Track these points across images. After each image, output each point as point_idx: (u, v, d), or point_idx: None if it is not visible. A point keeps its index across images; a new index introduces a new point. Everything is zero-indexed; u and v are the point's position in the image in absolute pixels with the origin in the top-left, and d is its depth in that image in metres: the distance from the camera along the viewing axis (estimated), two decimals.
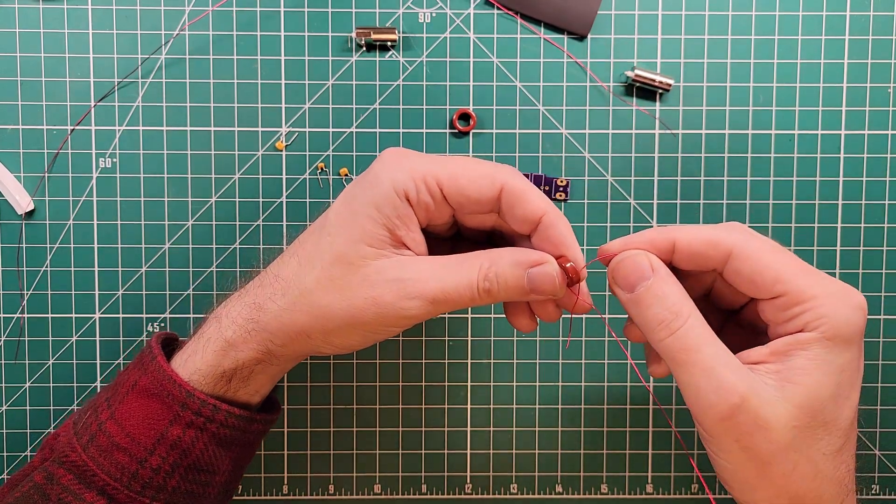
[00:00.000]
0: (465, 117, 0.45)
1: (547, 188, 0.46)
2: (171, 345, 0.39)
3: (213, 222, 0.46)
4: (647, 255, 0.32)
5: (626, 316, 0.34)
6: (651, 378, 0.46)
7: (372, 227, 0.33)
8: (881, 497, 0.47)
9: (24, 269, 0.46)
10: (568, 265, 0.32)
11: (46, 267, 0.46)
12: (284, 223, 0.46)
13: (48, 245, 0.45)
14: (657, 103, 0.46)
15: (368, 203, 0.33)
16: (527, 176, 0.46)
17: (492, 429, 0.47)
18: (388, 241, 0.33)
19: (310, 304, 0.34)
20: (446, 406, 0.47)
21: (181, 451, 0.35)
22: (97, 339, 0.46)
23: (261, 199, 0.46)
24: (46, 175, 0.45)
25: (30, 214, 0.45)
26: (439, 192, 0.33)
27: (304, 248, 0.35)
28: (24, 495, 0.35)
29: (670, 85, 0.44)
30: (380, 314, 0.33)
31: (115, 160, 0.45)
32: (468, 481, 0.47)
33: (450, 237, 0.39)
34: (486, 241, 0.38)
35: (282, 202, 0.46)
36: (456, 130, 0.45)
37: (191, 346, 0.37)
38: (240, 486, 0.47)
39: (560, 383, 0.47)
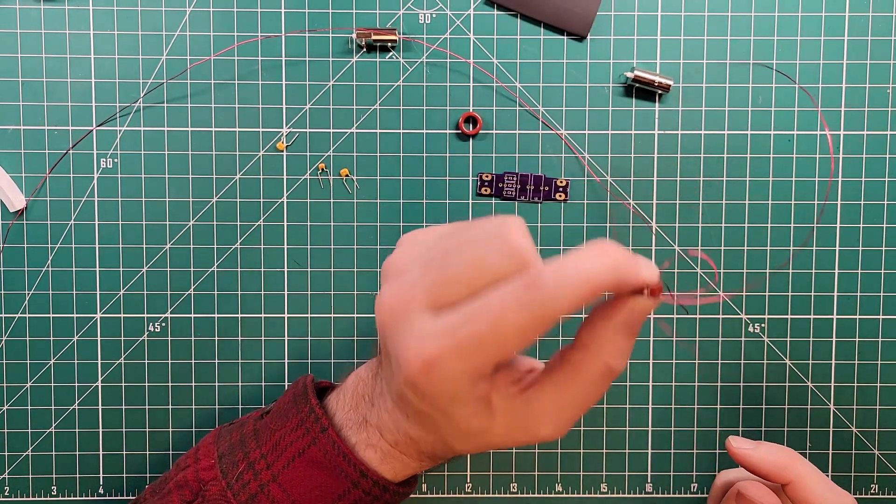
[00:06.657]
0: (470, 120, 0.45)
1: (547, 188, 0.46)
2: (322, 391, 0.38)
3: (214, 222, 0.46)
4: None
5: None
6: (651, 377, 0.47)
7: (476, 406, 0.30)
8: (881, 497, 0.47)
9: (25, 269, 0.46)
10: (651, 288, 0.29)
11: (48, 267, 0.46)
12: (285, 223, 0.46)
13: (49, 245, 0.46)
14: (657, 104, 0.46)
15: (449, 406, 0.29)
16: (526, 176, 0.46)
17: None
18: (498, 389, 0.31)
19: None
20: None
21: None
22: (98, 338, 0.46)
23: (262, 200, 0.46)
24: (47, 175, 0.45)
25: (28, 214, 0.45)
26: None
27: (432, 447, 0.33)
28: None
29: (670, 85, 0.44)
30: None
31: (116, 160, 0.45)
32: (468, 481, 0.47)
33: None
34: None
35: (283, 202, 0.46)
36: (460, 132, 0.46)
37: (349, 426, 0.35)
38: None
39: None
